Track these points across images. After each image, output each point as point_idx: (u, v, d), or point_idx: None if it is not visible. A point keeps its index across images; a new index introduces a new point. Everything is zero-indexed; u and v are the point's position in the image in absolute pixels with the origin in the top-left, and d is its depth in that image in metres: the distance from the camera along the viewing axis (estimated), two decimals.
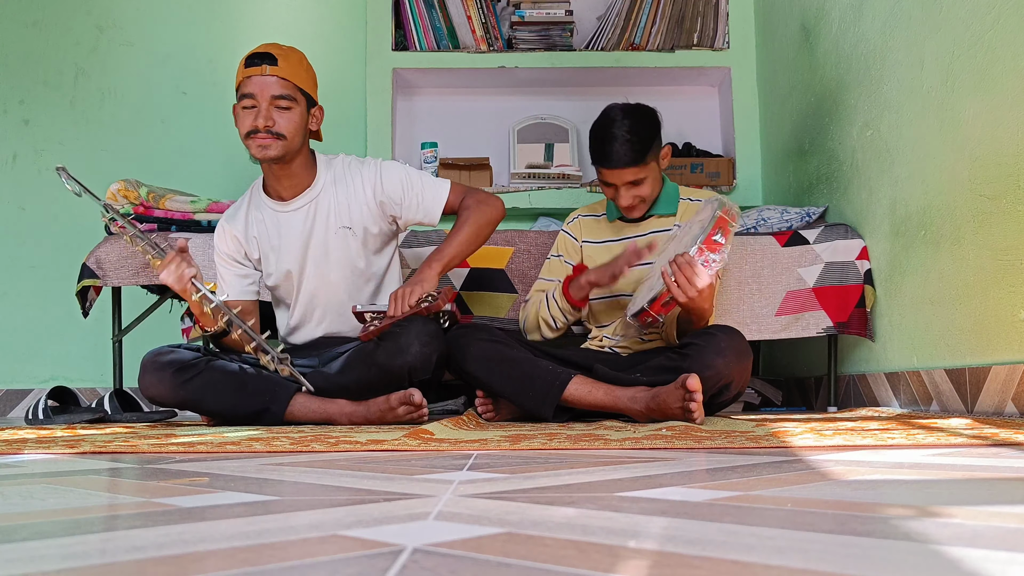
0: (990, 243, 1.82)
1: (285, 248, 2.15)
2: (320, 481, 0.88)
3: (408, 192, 2.13)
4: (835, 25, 2.63)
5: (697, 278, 1.81)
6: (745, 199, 3.39)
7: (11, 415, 3.29)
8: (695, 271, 1.81)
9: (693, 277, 1.81)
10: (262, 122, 1.98)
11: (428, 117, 3.61)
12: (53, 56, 3.47)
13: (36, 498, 0.79)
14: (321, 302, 2.18)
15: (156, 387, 2.02)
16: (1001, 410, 1.77)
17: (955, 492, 0.75)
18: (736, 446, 1.22)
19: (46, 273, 3.37)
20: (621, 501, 0.71)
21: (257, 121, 1.99)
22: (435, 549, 0.51)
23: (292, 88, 2.02)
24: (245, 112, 2.02)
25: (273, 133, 2.00)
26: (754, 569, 0.46)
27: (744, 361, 1.92)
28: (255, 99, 2.00)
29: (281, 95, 2.00)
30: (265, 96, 1.99)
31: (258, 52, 2.02)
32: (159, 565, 0.48)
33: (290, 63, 2.03)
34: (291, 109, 2.02)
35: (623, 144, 2.03)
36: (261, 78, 1.99)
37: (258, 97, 1.99)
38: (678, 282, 1.82)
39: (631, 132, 2.04)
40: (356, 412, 2.00)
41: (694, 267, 1.81)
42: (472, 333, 2.04)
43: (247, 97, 2.01)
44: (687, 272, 1.81)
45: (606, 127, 2.07)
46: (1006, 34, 1.74)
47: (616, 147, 2.03)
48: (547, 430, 1.65)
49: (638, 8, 3.46)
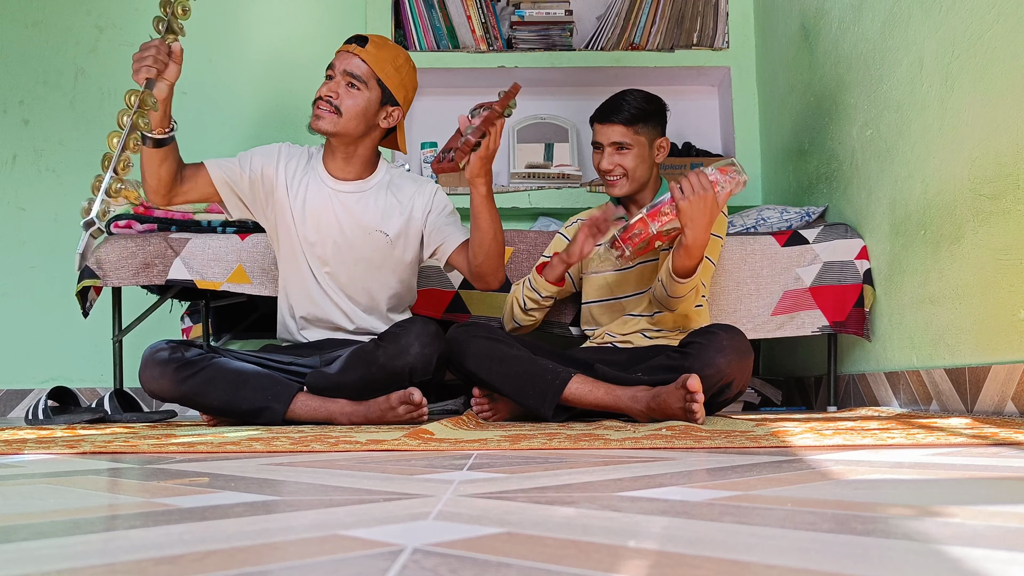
0: (990, 243, 1.82)
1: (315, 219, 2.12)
2: (320, 481, 0.88)
3: (445, 214, 2.17)
4: (835, 25, 2.63)
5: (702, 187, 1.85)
6: (745, 199, 3.39)
7: (11, 415, 3.29)
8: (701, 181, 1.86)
9: (698, 184, 1.86)
10: (326, 91, 2.02)
11: (428, 117, 3.61)
12: (53, 56, 3.46)
13: (36, 498, 0.79)
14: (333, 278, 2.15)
15: (157, 382, 2.02)
16: (1001, 410, 1.77)
17: (955, 492, 0.75)
18: (736, 446, 1.22)
19: (46, 273, 3.37)
20: (621, 501, 0.71)
21: (323, 89, 2.02)
22: (435, 549, 0.51)
23: (368, 73, 2.04)
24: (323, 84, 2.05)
25: (333, 105, 2.02)
26: (754, 569, 0.46)
27: (745, 360, 1.93)
28: (333, 70, 2.04)
29: (355, 74, 2.03)
30: (340, 70, 2.03)
31: (359, 35, 2.07)
32: (159, 565, 0.48)
33: (380, 52, 2.05)
34: (359, 91, 2.03)
35: (622, 104, 2.15)
36: (346, 54, 2.04)
37: (336, 69, 2.04)
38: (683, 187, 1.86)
39: (635, 99, 2.16)
40: (356, 412, 2.00)
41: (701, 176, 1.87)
42: (472, 331, 2.04)
43: (329, 69, 2.06)
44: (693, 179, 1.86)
45: (615, 94, 2.21)
46: (1006, 34, 1.74)
47: (614, 103, 2.16)
48: (547, 430, 1.65)
49: (638, 8, 3.46)
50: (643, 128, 2.16)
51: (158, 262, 2.41)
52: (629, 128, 2.14)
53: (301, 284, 2.18)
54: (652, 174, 2.22)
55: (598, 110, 2.20)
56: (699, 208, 1.86)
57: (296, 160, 2.17)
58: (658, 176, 2.26)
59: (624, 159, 2.15)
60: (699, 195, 1.85)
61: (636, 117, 2.14)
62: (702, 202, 1.85)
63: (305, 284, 2.17)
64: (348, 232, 2.13)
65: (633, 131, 2.15)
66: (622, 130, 2.14)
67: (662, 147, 2.20)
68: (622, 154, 2.15)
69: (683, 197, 1.86)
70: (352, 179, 2.15)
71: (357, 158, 2.14)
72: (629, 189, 2.18)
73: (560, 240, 2.35)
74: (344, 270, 2.16)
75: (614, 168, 2.16)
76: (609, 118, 2.15)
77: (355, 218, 2.13)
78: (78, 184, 3.41)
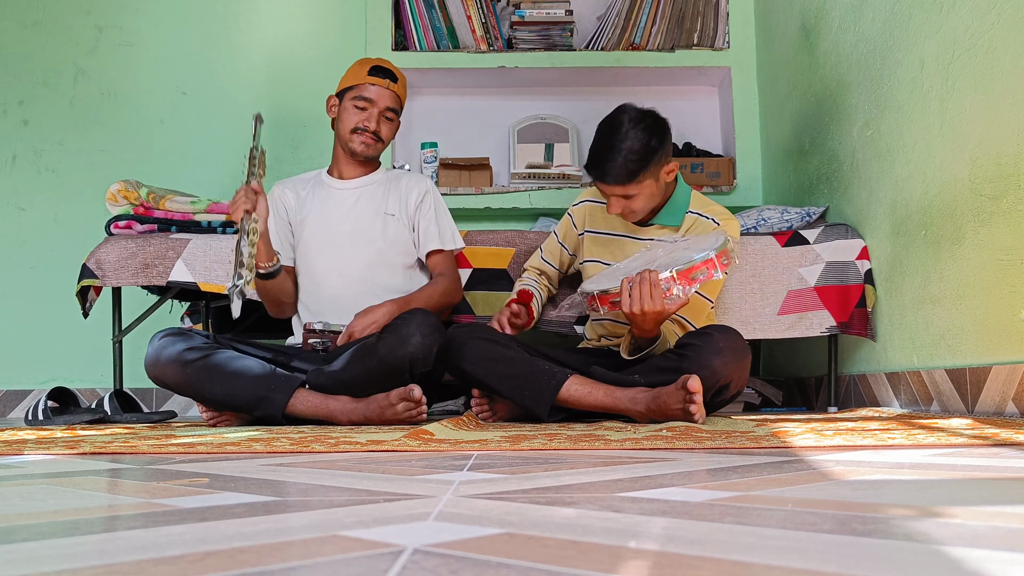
0: (990, 243, 1.82)
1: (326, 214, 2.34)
2: (320, 481, 0.88)
3: (431, 212, 2.37)
4: (835, 25, 2.63)
5: (650, 299, 1.80)
6: (745, 199, 3.39)
7: (11, 416, 3.29)
8: (651, 293, 1.80)
9: (647, 296, 1.81)
10: (373, 125, 2.30)
11: (428, 117, 3.61)
12: (53, 56, 3.46)
13: (36, 498, 0.79)
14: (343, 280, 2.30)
15: (162, 363, 2.03)
16: (1002, 410, 1.77)
17: (956, 492, 0.75)
18: (736, 446, 1.22)
19: (46, 273, 3.37)
20: (621, 501, 0.71)
21: (369, 123, 2.30)
22: (435, 549, 0.51)
23: (399, 104, 2.36)
24: (356, 112, 2.31)
25: (378, 136, 2.32)
26: (754, 569, 0.46)
27: (742, 360, 1.92)
28: (372, 103, 2.30)
29: (392, 108, 2.33)
30: (381, 105, 2.31)
31: (382, 66, 2.33)
32: (159, 565, 0.48)
33: (402, 85, 2.37)
34: (393, 121, 2.36)
35: (618, 162, 1.98)
36: (383, 89, 2.31)
37: (376, 103, 2.30)
38: (631, 294, 1.83)
39: (631, 151, 1.97)
40: (356, 409, 2.01)
41: (652, 289, 1.80)
42: (469, 332, 2.04)
43: (364, 100, 2.30)
44: (643, 289, 1.81)
45: (609, 136, 2.01)
46: (1006, 34, 1.74)
47: (609, 164, 1.98)
48: (547, 430, 1.65)
49: (638, 8, 3.46)
50: (645, 174, 2.00)
51: (159, 263, 2.41)
52: (629, 184, 2.01)
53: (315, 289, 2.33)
54: (667, 192, 2.16)
55: (592, 163, 2.03)
56: (642, 318, 1.84)
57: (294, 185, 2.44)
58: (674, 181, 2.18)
59: (633, 203, 2.06)
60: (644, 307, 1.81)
61: (634, 173, 1.98)
62: (645, 315, 1.83)
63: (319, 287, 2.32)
64: (361, 218, 2.33)
65: (635, 184, 2.01)
66: (622, 188, 2.01)
67: (671, 171, 2.08)
68: (629, 200, 2.05)
69: (628, 304, 1.83)
70: (359, 176, 2.40)
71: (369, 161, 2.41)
72: (645, 217, 2.15)
73: (567, 223, 2.32)
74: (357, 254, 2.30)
75: (624, 212, 2.09)
76: (604, 180, 2.01)
77: (364, 205, 2.35)
78: (78, 184, 3.41)
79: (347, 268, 2.30)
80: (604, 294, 1.90)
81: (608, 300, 1.90)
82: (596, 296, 1.92)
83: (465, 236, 2.50)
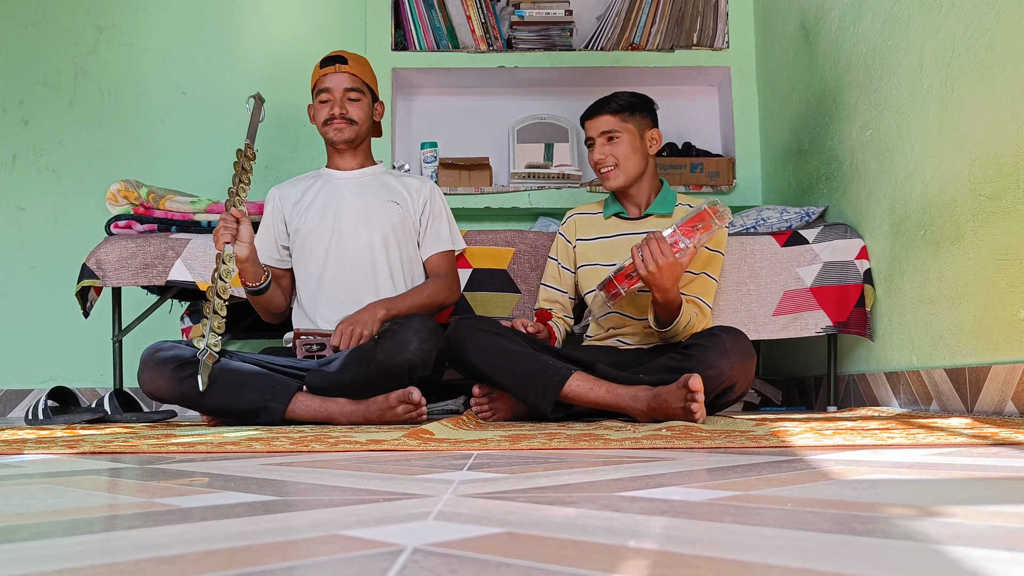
0: (990, 242, 1.82)
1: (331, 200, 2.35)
2: (320, 481, 0.88)
3: (436, 213, 2.41)
4: (835, 25, 2.63)
5: (661, 255, 1.88)
6: (745, 199, 3.39)
7: (11, 415, 3.29)
8: (660, 247, 1.88)
9: (657, 251, 1.88)
10: (338, 111, 2.31)
11: (428, 117, 3.61)
12: (53, 56, 3.46)
13: (36, 498, 0.79)
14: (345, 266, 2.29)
15: (155, 382, 2.03)
16: (1001, 410, 1.77)
17: (955, 492, 0.75)
18: (736, 446, 1.22)
19: (46, 273, 3.37)
20: (621, 501, 0.71)
21: (333, 110, 2.31)
22: (435, 549, 0.51)
23: (360, 83, 2.35)
24: (322, 106, 2.34)
25: (347, 119, 2.33)
26: (754, 569, 0.46)
27: (748, 362, 1.92)
28: (331, 92, 2.32)
29: (352, 88, 2.32)
30: (339, 89, 2.31)
31: (331, 55, 2.35)
32: (159, 565, 0.48)
33: (358, 63, 2.37)
34: (360, 100, 2.34)
35: (609, 97, 2.22)
36: (335, 75, 2.32)
37: (333, 91, 2.31)
38: (643, 254, 1.90)
39: (622, 94, 2.23)
40: (355, 411, 2.01)
41: (660, 244, 1.88)
42: (473, 324, 2.04)
43: (324, 92, 2.32)
44: (652, 246, 1.89)
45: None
46: (1006, 34, 1.74)
47: (601, 100, 2.23)
48: (547, 430, 1.65)
49: (638, 8, 3.46)
50: (631, 118, 2.20)
51: (158, 262, 2.41)
52: (616, 116, 2.19)
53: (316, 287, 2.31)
54: (647, 167, 2.24)
55: (587, 109, 2.26)
56: (659, 275, 1.89)
57: (294, 182, 2.45)
58: (655, 173, 2.27)
59: (615, 148, 2.19)
60: (659, 263, 1.88)
61: (623, 107, 2.20)
62: (662, 270, 1.89)
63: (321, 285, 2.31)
64: (364, 206, 2.34)
65: (621, 119, 2.19)
66: (610, 119, 2.19)
67: (654, 139, 2.23)
68: (612, 144, 2.19)
69: (643, 266, 1.90)
70: (358, 167, 2.42)
71: (360, 151, 2.42)
72: (624, 181, 2.20)
73: (559, 241, 2.35)
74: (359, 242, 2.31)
75: (606, 158, 2.19)
76: (597, 110, 2.22)
77: (368, 193, 2.37)
78: (78, 184, 3.41)
79: (350, 253, 2.30)
80: (619, 272, 1.96)
81: (624, 276, 1.95)
82: (612, 279, 1.96)
83: (465, 236, 2.50)
